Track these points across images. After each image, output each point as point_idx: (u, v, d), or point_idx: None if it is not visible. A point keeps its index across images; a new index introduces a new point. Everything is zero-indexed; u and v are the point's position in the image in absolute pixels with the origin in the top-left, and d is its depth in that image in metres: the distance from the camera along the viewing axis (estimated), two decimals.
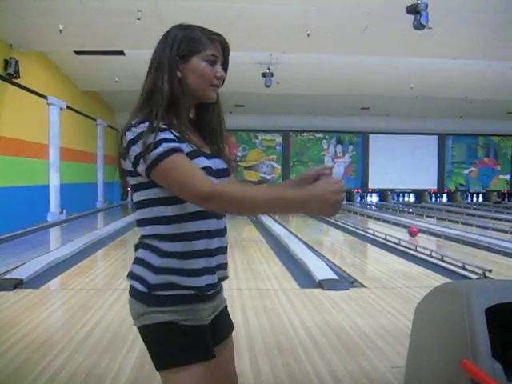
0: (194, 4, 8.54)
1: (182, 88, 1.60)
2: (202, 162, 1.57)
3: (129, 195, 21.05)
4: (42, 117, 12.73)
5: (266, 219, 13.66)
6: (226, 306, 1.80)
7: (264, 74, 13.21)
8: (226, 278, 1.73)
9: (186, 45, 1.60)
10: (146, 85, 1.62)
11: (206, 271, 1.58)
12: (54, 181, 13.25)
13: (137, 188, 1.59)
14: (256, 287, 5.83)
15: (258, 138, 22.90)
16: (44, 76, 12.85)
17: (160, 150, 1.48)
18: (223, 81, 1.69)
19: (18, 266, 6.67)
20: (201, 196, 1.43)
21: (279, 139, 23.12)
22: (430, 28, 8.03)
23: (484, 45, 10.47)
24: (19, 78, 10.71)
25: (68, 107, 14.30)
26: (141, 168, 1.51)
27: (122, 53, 12.06)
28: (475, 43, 10.40)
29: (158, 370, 1.59)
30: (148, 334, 1.58)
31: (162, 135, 1.50)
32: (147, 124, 1.51)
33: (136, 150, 1.50)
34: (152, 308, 1.55)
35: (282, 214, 1.54)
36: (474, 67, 12.99)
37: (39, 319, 4.60)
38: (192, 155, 1.55)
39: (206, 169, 1.57)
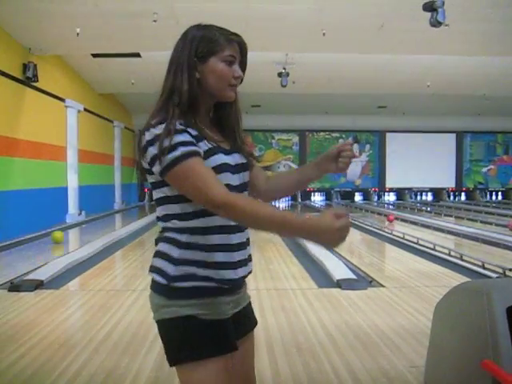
0: (210, 5, 8.57)
1: (200, 88, 1.63)
2: (221, 158, 1.60)
3: (146, 196, 21.23)
4: (60, 119, 12.86)
5: None
6: (249, 302, 1.81)
7: (280, 74, 13.20)
8: (250, 272, 1.73)
9: (204, 45, 1.62)
10: (165, 85, 1.64)
11: (226, 265, 1.60)
12: (72, 182, 13.38)
13: (156, 186, 1.62)
14: (274, 287, 5.84)
15: (274, 138, 22.91)
16: (62, 79, 12.99)
17: (176, 153, 1.50)
18: (241, 80, 1.71)
19: (37, 268, 6.74)
20: (213, 203, 1.47)
21: (296, 139, 23.10)
22: (446, 25, 7.98)
23: (501, 41, 10.37)
24: (37, 81, 10.82)
25: (85, 109, 14.43)
26: (156, 169, 1.54)
27: (138, 55, 12.15)
28: (492, 40, 10.30)
29: (173, 364, 1.59)
30: (167, 328, 1.60)
31: (179, 138, 1.52)
32: (164, 125, 1.53)
33: (152, 151, 1.52)
34: (172, 301, 1.57)
35: (287, 236, 1.57)
36: (492, 64, 12.87)
37: (59, 320, 4.65)
38: (210, 152, 1.58)
39: (224, 165, 1.60)
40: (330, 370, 3.36)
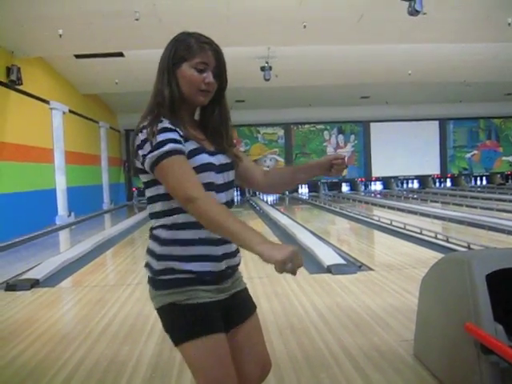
0: (191, 2, 8.64)
1: (179, 93, 1.75)
2: (205, 158, 1.73)
3: (134, 196, 21.25)
4: (45, 122, 12.88)
5: (272, 211, 13.80)
6: (244, 289, 1.91)
7: (263, 68, 13.26)
8: (236, 266, 1.85)
9: (179, 51, 1.75)
10: (154, 87, 1.79)
11: (207, 258, 1.72)
12: (60, 184, 13.40)
13: (148, 185, 1.75)
14: (266, 275, 5.96)
15: (259, 133, 23.00)
16: (46, 81, 12.99)
17: (165, 148, 1.63)
18: (225, 82, 1.82)
19: (32, 268, 6.80)
20: (185, 197, 1.59)
21: (281, 132, 23.21)
22: (424, 13, 8.11)
23: (479, 28, 10.53)
24: (22, 84, 10.84)
25: (70, 111, 14.44)
26: (147, 166, 1.67)
27: (121, 54, 12.17)
28: (470, 27, 10.46)
29: (175, 345, 1.76)
30: (160, 315, 1.77)
31: (169, 135, 1.66)
32: (157, 123, 1.67)
33: (146, 148, 1.65)
34: (158, 292, 1.73)
35: (238, 244, 1.66)
36: (471, 50, 13.03)
37: (57, 316, 4.75)
38: (196, 151, 1.71)
39: (209, 164, 1.72)
40: (323, 347, 3.50)
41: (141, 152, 1.67)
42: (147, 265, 1.79)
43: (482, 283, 2.34)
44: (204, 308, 1.71)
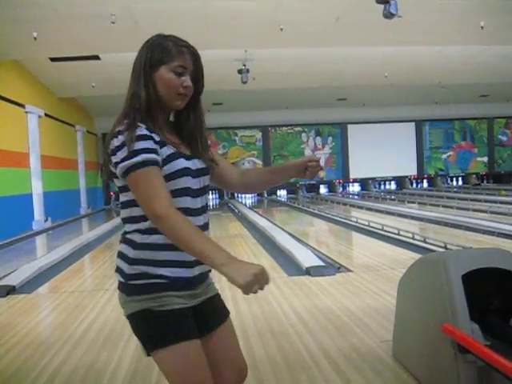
0: (168, 5, 8.62)
1: (156, 95, 1.72)
2: (182, 163, 1.71)
3: (112, 200, 21.09)
4: (20, 125, 12.71)
5: (251, 214, 13.80)
6: (216, 295, 1.90)
7: (240, 71, 13.29)
8: (209, 272, 1.83)
9: (156, 54, 1.72)
10: (128, 90, 1.75)
11: (180, 264, 1.70)
12: (36, 189, 13.23)
13: (122, 190, 1.73)
14: None
15: (237, 135, 23.00)
16: (21, 84, 12.84)
17: (137, 159, 1.61)
18: (202, 86, 1.81)
19: (8, 274, 6.71)
20: (153, 214, 1.58)
21: (259, 135, 23.23)
22: (399, 16, 8.19)
23: (454, 31, 10.67)
24: None
25: (46, 115, 14.28)
26: (119, 173, 1.65)
27: (97, 57, 12.09)
28: (445, 29, 10.59)
29: (147, 354, 1.73)
30: (131, 322, 1.73)
31: (143, 144, 1.63)
32: (131, 131, 1.64)
33: (119, 156, 1.63)
34: (130, 297, 1.70)
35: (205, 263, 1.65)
36: (446, 53, 13.22)
37: (35, 321, 4.69)
38: (173, 156, 1.69)
39: (186, 169, 1.71)
40: (303, 350, 3.51)
41: (114, 159, 1.65)
42: (118, 269, 1.76)
43: (458, 283, 2.37)
44: (177, 314, 1.69)
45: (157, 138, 1.68)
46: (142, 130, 1.65)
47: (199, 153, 1.81)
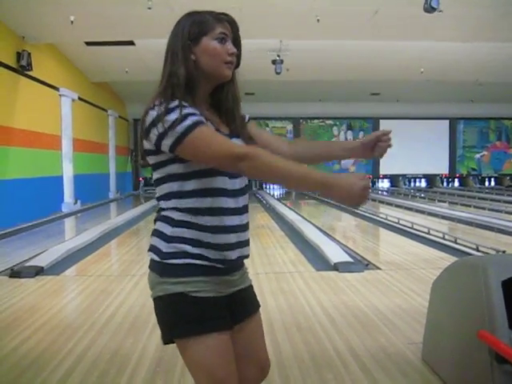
0: None
1: (197, 70, 1.65)
2: None
3: (140, 186, 21.24)
4: (54, 108, 12.85)
5: (279, 206, 13.74)
6: (250, 286, 1.83)
7: (274, 62, 13.19)
8: (247, 256, 1.76)
9: (195, 28, 1.65)
10: (163, 72, 1.67)
11: (221, 246, 1.63)
12: (67, 172, 13.39)
13: (157, 166, 1.65)
14: (272, 271, 5.92)
15: (268, 126, 22.91)
16: (55, 68, 12.96)
17: (188, 122, 1.54)
18: (239, 59, 1.74)
19: (37, 255, 6.78)
20: (237, 155, 1.50)
21: (290, 126, 23.12)
22: (440, 11, 8.03)
23: (494, 27, 10.41)
24: (32, 70, 10.80)
25: (80, 98, 14.41)
26: (166, 143, 1.55)
27: (132, 43, 12.12)
28: (485, 26, 10.34)
29: (167, 342, 1.66)
30: (160, 305, 1.64)
31: (187, 110, 1.57)
32: (171, 102, 1.57)
33: (161, 126, 1.54)
34: (164, 278, 1.60)
35: (306, 190, 1.56)
36: (485, 50, 12.92)
37: (61, 304, 4.72)
38: None
39: None
40: (330, 348, 3.44)
41: (155, 131, 1.56)
42: (153, 248, 1.67)
43: (498, 289, 2.28)
44: (212, 303, 1.62)
45: (197, 111, 1.61)
46: (182, 102, 1.59)
47: (238, 131, 1.75)
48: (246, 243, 1.73)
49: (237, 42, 1.72)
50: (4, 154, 10.01)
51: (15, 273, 5.77)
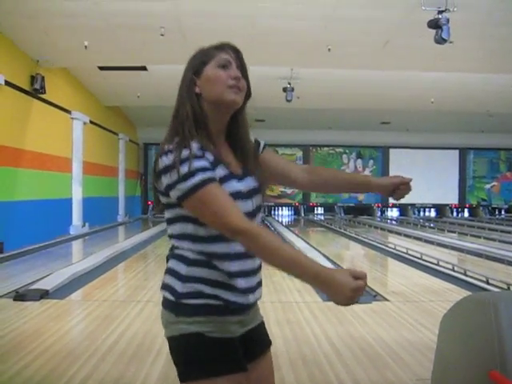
0: (217, 21, 8.66)
1: (203, 104, 1.63)
2: (234, 186, 1.59)
3: (149, 210, 21.25)
4: (66, 131, 12.96)
5: (287, 233, 13.68)
6: (262, 322, 1.78)
7: (285, 89, 13.28)
8: (258, 298, 1.71)
9: (197, 60, 1.65)
10: (175, 108, 1.66)
11: (237, 290, 1.59)
12: (76, 194, 13.43)
13: (168, 206, 1.62)
14: (278, 300, 5.85)
15: (278, 153, 22.93)
16: (68, 91, 13.10)
17: (195, 180, 1.50)
18: (249, 88, 1.69)
19: (42, 278, 6.75)
20: (233, 230, 1.47)
21: (299, 154, 23.15)
22: (451, 42, 8.05)
23: (505, 59, 10.44)
24: (45, 93, 10.92)
25: (91, 122, 14.53)
26: (173, 195, 1.54)
27: (144, 68, 12.25)
28: (496, 57, 10.37)
29: (182, 381, 1.58)
30: (175, 344, 1.59)
31: (198, 164, 1.52)
32: (183, 150, 1.53)
33: (170, 177, 1.52)
34: (179, 318, 1.56)
35: (295, 277, 1.53)
36: (496, 81, 12.94)
37: (65, 329, 4.67)
38: (225, 179, 1.58)
39: (238, 193, 1.59)
40: (335, 382, 3.37)
41: (165, 180, 1.53)
42: (167, 287, 1.62)
43: (510, 328, 2.21)
44: (231, 343, 1.57)
45: (210, 158, 1.57)
46: (194, 150, 1.54)
47: (251, 169, 1.70)
48: (254, 288, 1.67)
49: (243, 70, 1.67)
50: (15, 176, 10.06)
51: (19, 296, 5.72)
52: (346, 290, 1.38)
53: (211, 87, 1.62)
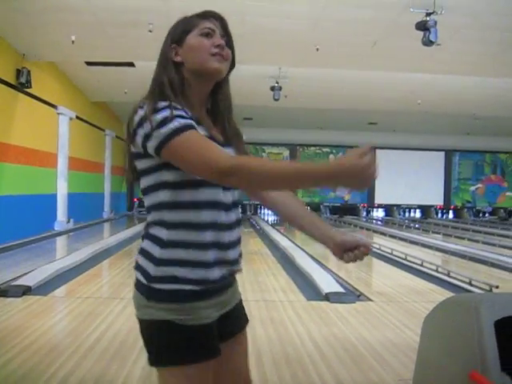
0: None
1: (183, 72, 1.58)
2: None
3: (134, 206, 21.16)
4: (51, 126, 12.84)
5: (272, 232, 13.69)
6: (240, 300, 1.75)
7: (272, 88, 13.27)
8: (238, 271, 1.67)
9: (178, 28, 1.61)
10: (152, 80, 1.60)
11: (211, 264, 1.53)
12: (61, 190, 13.32)
13: (145, 172, 1.54)
14: (262, 298, 5.85)
15: (265, 152, 22.97)
16: (55, 86, 12.98)
17: (175, 124, 1.43)
18: (233, 58, 1.65)
19: (25, 274, 6.68)
20: (222, 170, 1.36)
21: (286, 153, 23.18)
22: (438, 44, 8.09)
23: (492, 62, 10.51)
24: (31, 87, 10.81)
25: (77, 117, 14.41)
26: (151, 144, 1.45)
27: (132, 64, 12.17)
28: (484, 60, 10.45)
29: (151, 365, 1.56)
30: (145, 327, 1.55)
31: (177, 112, 1.46)
32: (160, 101, 1.48)
33: (147, 126, 1.44)
34: (150, 303, 1.51)
35: (307, 187, 1.43)
36: (482, 84, 13.03)
37: (47, 326, 4.63)
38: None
39: None
40: (318, 382, 3.37)
41: (141, 131, 1.46)
42: (139, 268, 1.55)
43: (490, 330, 2.23)
44: (205, 330, 1.53)
45: (189, 114, 1.50)
46: (173, 103, 1.48)
47: (230, 139, 1.64)
48: (235, 261, 1.63)
49: (228, 38, 1.64)
50: None
51: (1, 292, 5.67)
52: (360, 171, 1.31)
53: (194, 55, 1.57)
